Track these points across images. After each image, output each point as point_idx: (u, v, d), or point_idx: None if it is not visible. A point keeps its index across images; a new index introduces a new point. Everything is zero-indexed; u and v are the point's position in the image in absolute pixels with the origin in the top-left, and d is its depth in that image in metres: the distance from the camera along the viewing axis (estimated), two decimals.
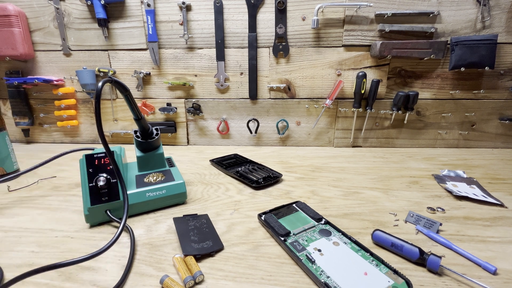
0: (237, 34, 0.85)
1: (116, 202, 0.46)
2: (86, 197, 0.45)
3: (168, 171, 0.57)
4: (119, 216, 0.47)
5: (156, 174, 0.55)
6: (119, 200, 0.46)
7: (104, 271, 0.36)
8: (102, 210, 0.46)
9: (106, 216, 0.46)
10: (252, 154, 0.83)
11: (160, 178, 0.54)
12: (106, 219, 0.47)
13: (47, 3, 0.85)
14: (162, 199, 0.51)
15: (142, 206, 0.50)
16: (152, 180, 0.53)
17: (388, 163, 0.76)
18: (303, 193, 0.58)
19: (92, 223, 0.46)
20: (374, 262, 0.36)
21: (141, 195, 0.50)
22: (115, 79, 0.42)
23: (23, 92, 0.92)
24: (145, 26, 0.85)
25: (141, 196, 0.50)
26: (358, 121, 0.90)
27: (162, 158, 0.58)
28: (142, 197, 0.50)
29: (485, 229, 0.45)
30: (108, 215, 0.46)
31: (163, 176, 0.54)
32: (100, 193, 0.46)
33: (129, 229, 0.44)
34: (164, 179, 0.54)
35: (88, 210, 0.45)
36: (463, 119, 0.88)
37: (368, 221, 0.48)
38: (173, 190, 0.52)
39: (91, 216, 0.45)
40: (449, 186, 0.60)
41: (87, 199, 0.45)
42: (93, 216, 0.46)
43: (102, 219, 0.47)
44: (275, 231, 0.42)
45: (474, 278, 0.34)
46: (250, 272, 0.36)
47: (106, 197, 0.46)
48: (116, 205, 0.47)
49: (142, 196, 0.50)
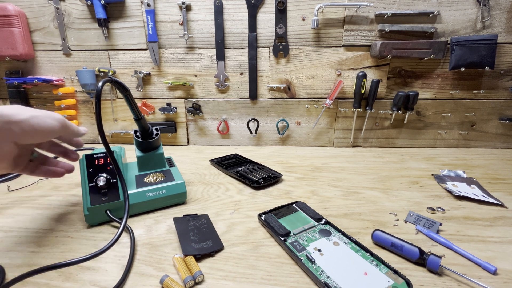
0: (237, 34, 0.85)
1: (116, 202, 0.46)
2: (86, 197, 0.45)
3: (168, 171, 0.57)
4: (119, 216, 0.47)
5: (156, 174, 0.55)
6: (119, 200, 0.46)
7: (104, 271, 0.36)
8: (102, 210, 0.46)
9: (106, 216, 0.46)
10: (252, 154, 0.83)
11: (160, 178, 0.54)
12: (106, 219, 0.47)
13: (47, 3, 0.85)
14: (162, 199, 0.51)
15: (142, 206, 0.50)
16: (152, 180, 0.53)
17: (388, 163, 0.76)
18: (303, 193, 0.58)
19: (92, 223, 0.46)
20: (374, 262, 0.36)
21: (141, 195, 0.50)
22: (115, 79, 0.42)
23: (23, 92, 0.92)
24: (145, 26, 0.85)
25: (141, 196, 0.50)
26: (358, 121, 0.89)
27: (162, 158, 0.58)
28: (142, 197, 0.50)
29: (485, 229, 0.45)
30: (108, 215, 0.46)
31: (163, 176, 0.54)
32: (100, 193, 0.46)
33: (129, 229, 0.44)
34: (164, 179, 0.54)
35: (88, 210, 0.45)
36: (463, 119, 0.88)
37: (368, 221, 0.48)
38: (173, 190, 0.52)
39: (91, 216, 0.45)
40: (449, 186, 0.60)
41: (87, 199, 0.45)
42: (93, 216, 0.46)
43: (102, 219, 0.47)
44: (275, 231, 0.42)
45: (474, 278, 0.34)
46: (250, 272, 0.36)
47: (106, 197, 0.46)
48: (116, 205, 0.46)
49: (142, 196, 0.50)
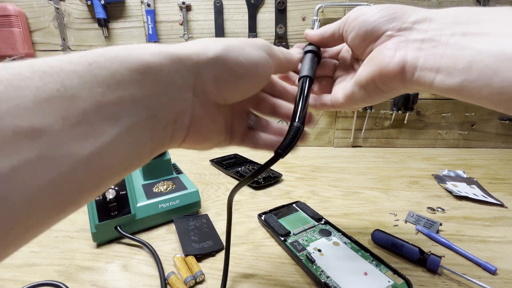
0: (237, 34, 0.85)
1: (126, 217, 0.42)
2: (93, 213, 0.40)
3: (177, 179, 0.53)
4: (130, 231, 0.42)
5: (166, 182, 0.51)
6: (130, 214, 0.42)
7: (104, 271, 0.36)
8: (112, 226, 0.41)
9: (116, 232, 0.42)
10: (252, 154, 0.83)
11: (171, 187, 0.50)
12: (115, 236, 0.42)
13: (47, 3, 0.85)
14: (175, 209, 0.47)
15: (155, 218, 0.46)
16: (163, 190, 0.49)
17: (388, 163, 0.76)
18: (303, 193, 0.58)
19: (100, 242, 0.42)
20: (374, 262, 0.36)
21: (153, 207, 0.45)
22: None
23: None
24: (145, 26, 0.85)
25: (154, 208, 0.45)
26: (358, 121, 0.89)
27: (170, 165, 0.54)
28: (155, 209, 0.45)
29: (485, 229, 0.45)
30: (118, 231, 0.41)
31: (173, 185, 0.50)
32: (109, 208, 0.41)
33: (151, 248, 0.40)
34: (175, 188, 0.50)
35: (96, 228, 0.40)
36: (463, 119, 0.88)
37: (368, 221, 0.48)
38: (187, 200, 0.48)
39: (99, 234, 0.41)
40: (449, 186, 0.60)
41: (94, 216, 0.40)
42: (102, 233, 0.41)
43: (111, 236, 0.42)
44: (275, 231, 0.42)
45: (474, 278, 0.34)
46: (250, 272, 0.36)
47: (116, 211, 0.41)
48: (126, 220, 0.42)
49: (155, 208, 0.45)
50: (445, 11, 0.22)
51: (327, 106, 0.30)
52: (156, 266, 0.36)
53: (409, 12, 0.23)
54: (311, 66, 0.28)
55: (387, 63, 0.23)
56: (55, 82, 0.13)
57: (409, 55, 0.22)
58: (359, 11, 0.26)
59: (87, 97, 0.14)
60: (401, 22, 0.23)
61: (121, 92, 0.16)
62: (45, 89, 0.13)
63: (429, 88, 0.22)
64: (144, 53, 0.17)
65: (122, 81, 0.16)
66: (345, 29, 0.27)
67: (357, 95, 0.26)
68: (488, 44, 0.19)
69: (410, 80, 0.23)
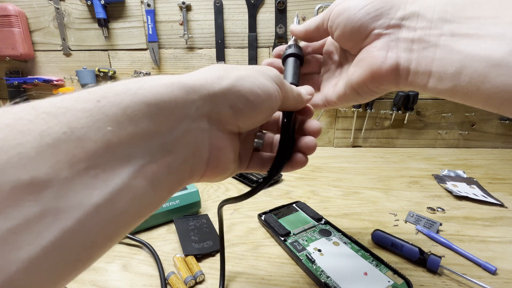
0: (237, 34, 0.85)
1: None
2: None
3: None
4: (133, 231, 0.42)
5: None
6: None
7: (104, 271, 0.36)
8: None
9: None
10: None
11: None
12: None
13: (47, 3, 0.85)
14: (176, 209, 0.47)
15: (155, 218, 0.46)
16: None
17: (388, 163, 0.76)
18: (303, 193, 0.58)
19: None
20: (374, 262, 0.36)
21: None
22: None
23: (23, 92, 0.92)
24: (145, 26, 0.85)
25: None
26: (358, 121, 0.89)
27: None
28: None
29: (485, 229, 0.45)
30: None
31: None
32: None
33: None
34: None
35: None
36: (463, 119, 0.88)
37: (368, 221, 0.48)
38: (187, 200, 0.49)
39: None
40: (449, 186, 0.60)
41: None
42: None
43: None
44: (275, 231, 0.42)
45: (474, 278, 0.34)
46: (250, 272, 0.36)
47: None
48: None
49: None
50: (433, 1, 0.22)
51: (319, 106, 0.30)
52: (156, 266, 0.36)
53: (396, 5, 0.23)
54: (294, 72, 0.28)
55: (379, 66, 0.23)
56: (60, 124, 0.12)
57: (401, 57, 0.22)
58: (342, 6, 0.25)
59: (96, 138, 0.13)
60: (388, 18, 0.23)
61: (133, 128, 0.14)
62: (49, 132, 0.12)
63: (423, 90, 0.22)
64: (156, 85, 0.16)
65: (134, 117, 0.14)
66: (329, 25, 0.26)
67: (349, 96, 0.27)
68: (477, 47, 0.19)
69: (403, 82, 0.23)
